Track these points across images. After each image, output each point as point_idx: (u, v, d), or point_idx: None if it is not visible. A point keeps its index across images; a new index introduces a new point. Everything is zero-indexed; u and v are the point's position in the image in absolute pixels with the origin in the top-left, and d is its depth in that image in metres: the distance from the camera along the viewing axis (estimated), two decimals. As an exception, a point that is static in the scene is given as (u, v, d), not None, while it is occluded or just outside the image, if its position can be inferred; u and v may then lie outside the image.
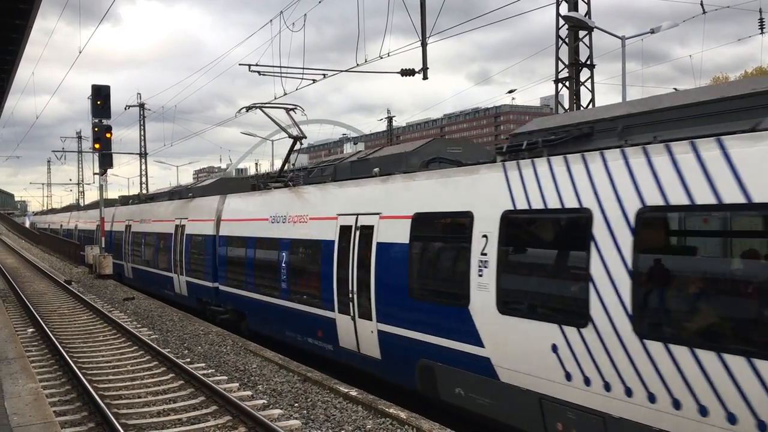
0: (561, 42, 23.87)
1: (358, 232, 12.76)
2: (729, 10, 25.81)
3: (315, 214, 14.66)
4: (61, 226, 61.02)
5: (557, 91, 24.56)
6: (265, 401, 11.27)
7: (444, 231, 11.16)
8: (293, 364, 13.76)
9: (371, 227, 12.34)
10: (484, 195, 9.85)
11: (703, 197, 6.95)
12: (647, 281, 7.53)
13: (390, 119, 75.51)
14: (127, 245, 30.36)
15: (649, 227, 7.62)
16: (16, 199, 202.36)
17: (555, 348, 8.37)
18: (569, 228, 8.68)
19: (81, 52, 24.92)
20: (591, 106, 23.86)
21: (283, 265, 15.69)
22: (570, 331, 8.20)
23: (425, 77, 20.05)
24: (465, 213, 10.05)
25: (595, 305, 7.89)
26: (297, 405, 11.09)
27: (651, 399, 7.31)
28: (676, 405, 7.07)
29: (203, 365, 13.96)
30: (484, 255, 9.53)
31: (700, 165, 7.03)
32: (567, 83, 23.89)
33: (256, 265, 17.28)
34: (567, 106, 24.25)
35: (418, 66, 20.16)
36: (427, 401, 11.27)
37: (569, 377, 8.22)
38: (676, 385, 7.05)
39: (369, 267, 12.22)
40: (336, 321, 13.35)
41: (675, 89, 23.04)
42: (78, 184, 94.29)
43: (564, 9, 23.42)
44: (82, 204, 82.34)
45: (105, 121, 30.45)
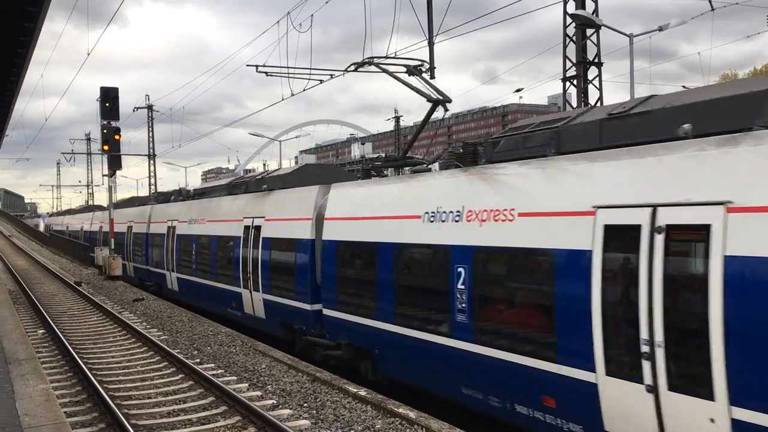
0: (568, 40, 23.81)
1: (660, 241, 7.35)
2: (737, 6, 25.63)
3: (526, 208, 9.32)
4: (82, 228, 52.43)
5: (565, 90, 24.50)
6: (275, 401, 11.28)
7: None
8: (302, 364, 13.77)
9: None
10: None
11: None
12: None
13: (397, 119, 75.53)
14: (170, 251, 25.37)
15: None
16: (26, 201, 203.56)
17: None
18: None
19: (89, 54, 25.01)
20: (599, 104, 23.80)
21: (459, 288, 10.20)
22: None
23: (432, 76, 20.02)
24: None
25: None
26: (306, 405, 11.10)
27: None
28: None
29: (213, 366, 13.99)
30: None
31: None
32: (575, 81, 23.83)
33: (398, 285, 12.01)
34: (575, 104, 24.18)
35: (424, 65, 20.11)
36: (437, 401, 11.26)
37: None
38: None
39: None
40: (600, 386, 7.96)
41: (683, 87, 22.89)
42: (87, 185, 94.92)
43: (571, 7, 23.36)
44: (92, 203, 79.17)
45: (114, 123, 30.59)
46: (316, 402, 11.25)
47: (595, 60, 23.82)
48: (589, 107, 15.13)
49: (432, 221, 11.06)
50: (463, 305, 10.14)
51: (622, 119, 8.71)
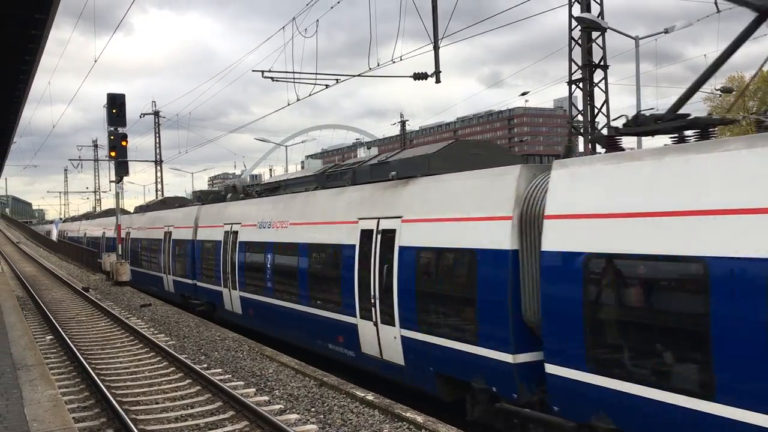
0: (574, 43, 23.80)
1: None
2: (743, 8, 25.52)
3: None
4: (103, 234, 44.65)
5: (571, 93, 24.49)
6: (282, 406, 11.29)
7: None
8: (309, 368, 13.78)
9: None
10: None
11: None
12: None
13: (403, 123, 75.60)
14: (230, 263, 20.04)
15: None
16: (33, 208, 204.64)
17: None
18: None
19: (96, 61, 25.14)
20: (605, 107, 23.78)
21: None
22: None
23: (438, 81, 20.06)
24: None
25: None
26: (314, 409, 11.10)
27: None
28: None
29: (220, 371, 14.01)
30: None
31: None
32: (580, 84, 23.81)
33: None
34: (581, 107, 24.17)
35: (429, 70, 20.17)
36: (445, 405, 11.25)
37: None
38: None
39: None
40: None
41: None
42: (95, 192, 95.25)
43: (576, 10, 23.36)
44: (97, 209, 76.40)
45: (121, 130, 30.68)
46: (323, 406, 11.25)
47: (601, 63, 23.79)
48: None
49: None
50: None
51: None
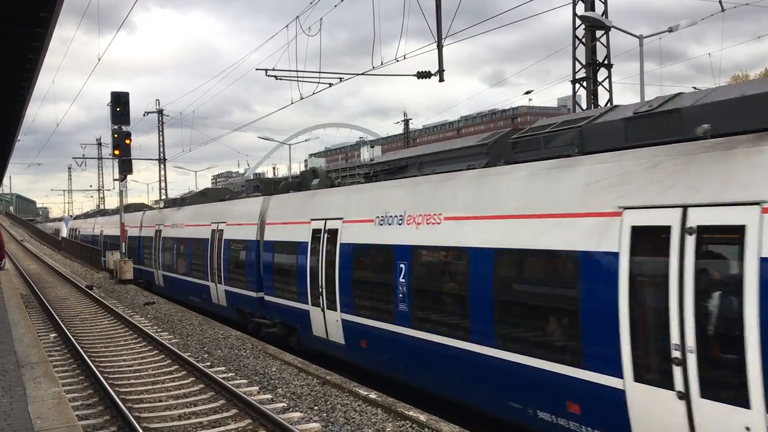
0: (578, 42, 23.74)
1: None
2: (746, 7, 25.47)
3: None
4: (141, 230, 32.96)
5: (574, 92, 24.44)
6: (285, 404, 11.30)
7: None
8: (312, 367, 13.79)
9: None
10: None
11: None
12: None
13: (407, 122, 75.57)
14: (332, 276, 14.28)
15: None
16: (37, 206, 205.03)
17: None
18: None
19: (100, 59, 25.15)
20: (609, 105, 23.71)
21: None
22: None
23: (441, 79, 20.04)
24: None
25: None
26: (317, 408, 11.11)
27: None
28: None
29: (223, 369, 14.03)
30: None
31: None
32: (584, 83, 23.76)
33: None
34: (585, 106, 24.12)
35: (432, 68, 20.15)
36: (448, 404, 11.25)
37: None
38: None
39: None
40: None
41: (694, 88, 22.78)
42: (98, 190, 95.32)
43: (580, 9, 23.31)
44: (104, 207, 71.91)
45: (124, 128, 30.73)
46: (326, 405, 11.26)
47: (605, 62, 23.74)
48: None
49: None
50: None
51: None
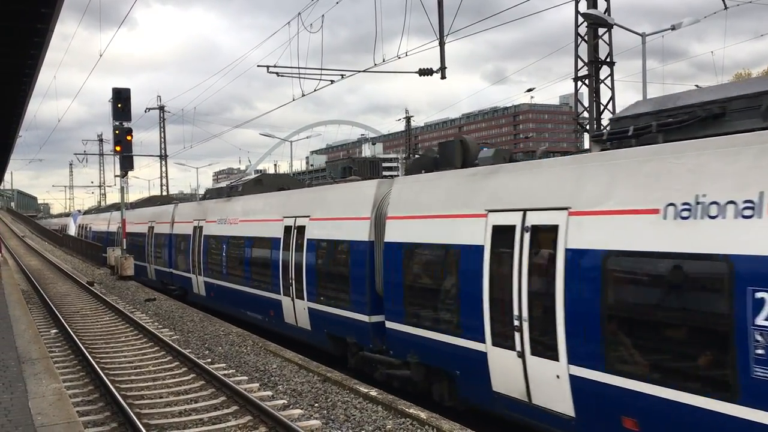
0: (580, 39, 23.72)
1: None
2: (748, 5, 25.39)
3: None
4: (151, 230, 30.28)
5: (577, 89, 24.42)
6: (286, 401, 11.30)
7: None
8: (313, 364, 13.78)
9: None
10: None
11: None
12: None
13: (408, 119, 75.52)
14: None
15: None
16: (38, 202, 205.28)
17: None
18: None
19: (101, 55, 25.20)
20: (611, 104, 23.70)
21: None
22: None
23: (443, 77, 20.02)
24: None
25: None
26: (317, 405, 11.10)
27: None
28: None
29: (224, 365, 14.02)
30: None
31: None
32: (586, 81, 23.74)
33: None
34: (587, 103, 24.10)
35: (433, 65, 20.15)
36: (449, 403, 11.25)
37: None
38: None
39: None
40: None
41: (697, 86, 22.73)
42: (100, 186, 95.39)
43: (583, 6, 23.28)
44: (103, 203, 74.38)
45: (126, 124, 30.72)
46: (326, 402, 11.25)
47: (607, 59, 23.71)
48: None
49: None
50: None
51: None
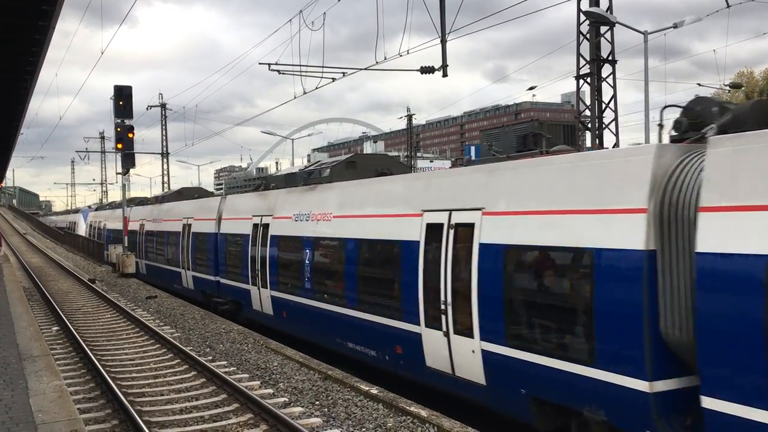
0: (582, 38, 23.67)
1: None
2: (750, 4, 25.26)
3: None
4: (187, 228, 24.32)
5: (578, 88, 24.37)
6: (286, 399, 11.30)
7: None
8: (314, 362, 13.79)
9: None
10: None
11: None
12: None
13: (410, 117, 75.42)
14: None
15: None
16: (40, 199, 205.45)
17: None
18: None
19: (103, 53, 25.17)
20: (613, 102, 23.67)
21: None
22: None
23: (445, 74, 20.00)
24: None
25: None
26: (318, 403, 11.11)
27: None
28: None
29: (225, 363, 14.03)
30: None
31: None
32: (588, 79, 23.69)
33: None
34: (588, 102, 24.06)
35: (434, 63, 20.12)
36: (448, 400, 11.24)
37: None
38: None
39: None
40: None
41: (698, 85, 22.64)
42: (101, 183, 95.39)
43: (584, 4, 23.23)
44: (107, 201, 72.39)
45: (127, 122, 30.72)
46: (327, 400, 11.26)
47: (609, 57, 23.66)
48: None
49: None
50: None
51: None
